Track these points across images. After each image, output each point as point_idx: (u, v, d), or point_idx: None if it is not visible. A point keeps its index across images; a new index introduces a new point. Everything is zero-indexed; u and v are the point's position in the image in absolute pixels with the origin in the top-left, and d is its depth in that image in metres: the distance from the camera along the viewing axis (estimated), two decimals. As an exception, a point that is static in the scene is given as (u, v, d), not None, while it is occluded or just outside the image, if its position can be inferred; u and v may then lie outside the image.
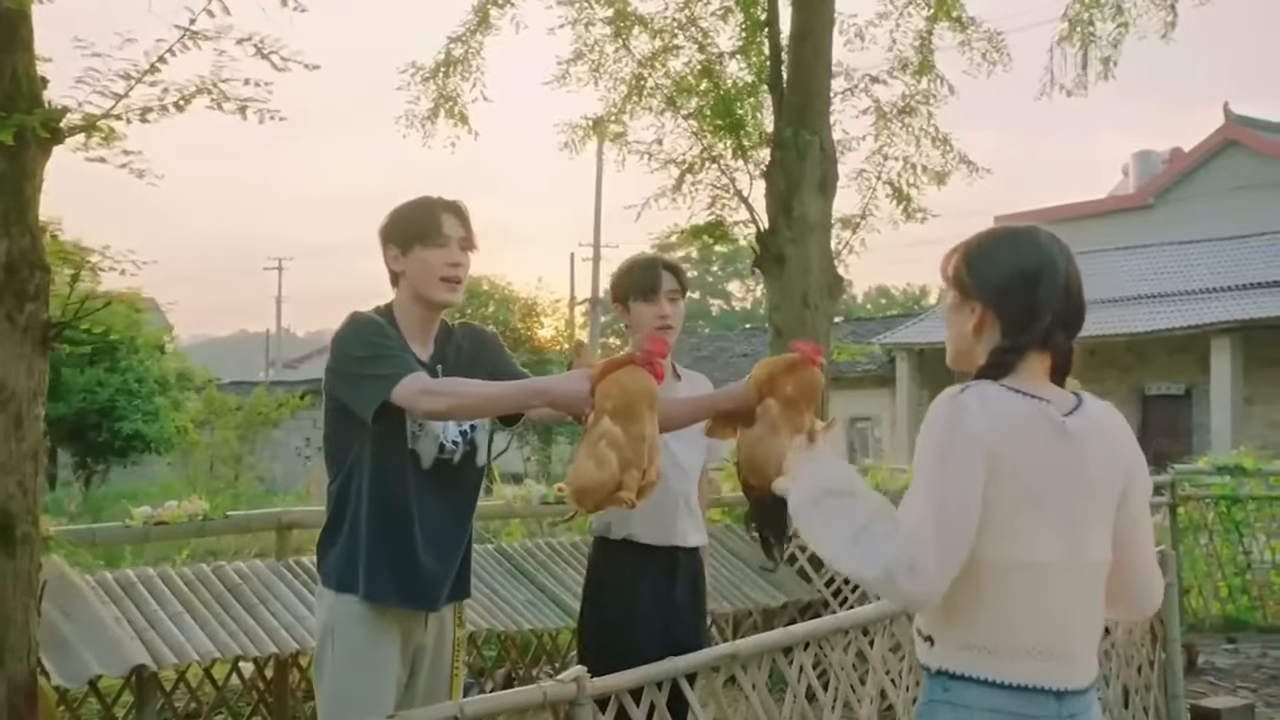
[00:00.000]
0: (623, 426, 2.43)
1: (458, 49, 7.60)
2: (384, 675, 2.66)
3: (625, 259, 3.44)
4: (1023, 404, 1.93)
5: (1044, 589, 1.93)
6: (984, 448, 1.86)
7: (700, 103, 7.17)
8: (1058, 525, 1.92)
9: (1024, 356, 1.97)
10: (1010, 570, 1.91)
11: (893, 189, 7.49)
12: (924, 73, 7.91)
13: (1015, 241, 2.04)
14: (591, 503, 2.47)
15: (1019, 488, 1.88)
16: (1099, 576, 2.00)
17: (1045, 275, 1.97)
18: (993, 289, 2.00)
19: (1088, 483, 1.94)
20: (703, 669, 3.18)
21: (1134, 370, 21.59)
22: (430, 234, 2.73)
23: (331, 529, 2.70)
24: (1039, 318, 1.96)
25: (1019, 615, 1.93)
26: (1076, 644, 1.97)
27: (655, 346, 2.49)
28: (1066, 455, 1.92)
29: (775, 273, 6.57)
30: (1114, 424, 2.03)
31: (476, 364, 2.82)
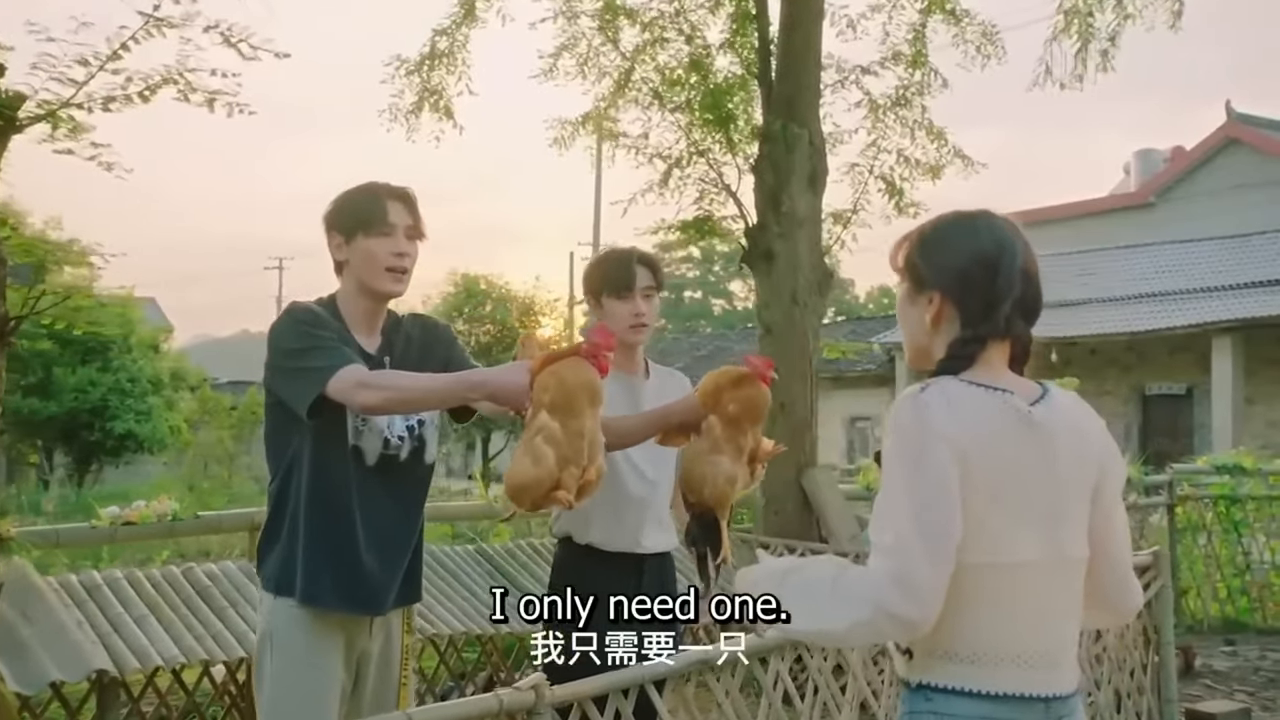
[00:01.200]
0: (561, 422, 2.32)
1: (442, 42, 7.47)
2: (326, 682, 2.54)
3: (599, 252, 3.31)
4: (987, 398, 1.82)
5: (1023, 591, 1.82)
6: (953, 447, 1.75)
7: (688, 96, 7.04)
8: (1033, 523, 1.82)
9: (985, 347, 1.86)
10: (986, 573, 1.80)
11: (885, 183, 7.36)
12: (918, 66, 7.78)
13: (971, 226, 1.93)
14: (528, 501, 2.36)
15: (990, 486, 1.78)
16: (1078, 574, 1.89)
17: (1004, 260, 1.87)
18: (950, 276, 1.89)
19: (1060, 475, 1.84)
20: (672, 676, 3.06)
21: (1135, 369, 21.45)
22: (375, 222, 2.61)
23: (271, 530, 2.59)
24: (999, 305, 1.86)
25: (1000, 620, 1.82)
26: (1060, 647, 1.87)
27: (602, 339, 2.37)
28: (1036, 448, 1.82)
29: (764, 269, 6.44)
30: (1082, 414, 1.93)
31: (427, 356, 2.70)
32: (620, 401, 3.16)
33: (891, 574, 1.73)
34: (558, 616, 3.18)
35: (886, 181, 7.36)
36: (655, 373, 3.32)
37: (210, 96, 4.43)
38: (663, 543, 3.24)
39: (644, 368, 3.29)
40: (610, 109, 7.54)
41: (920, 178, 7.46)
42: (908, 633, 1.78)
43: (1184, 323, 19.54)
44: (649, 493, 3.15)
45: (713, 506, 2.82)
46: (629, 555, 3.15)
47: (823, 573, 1.86)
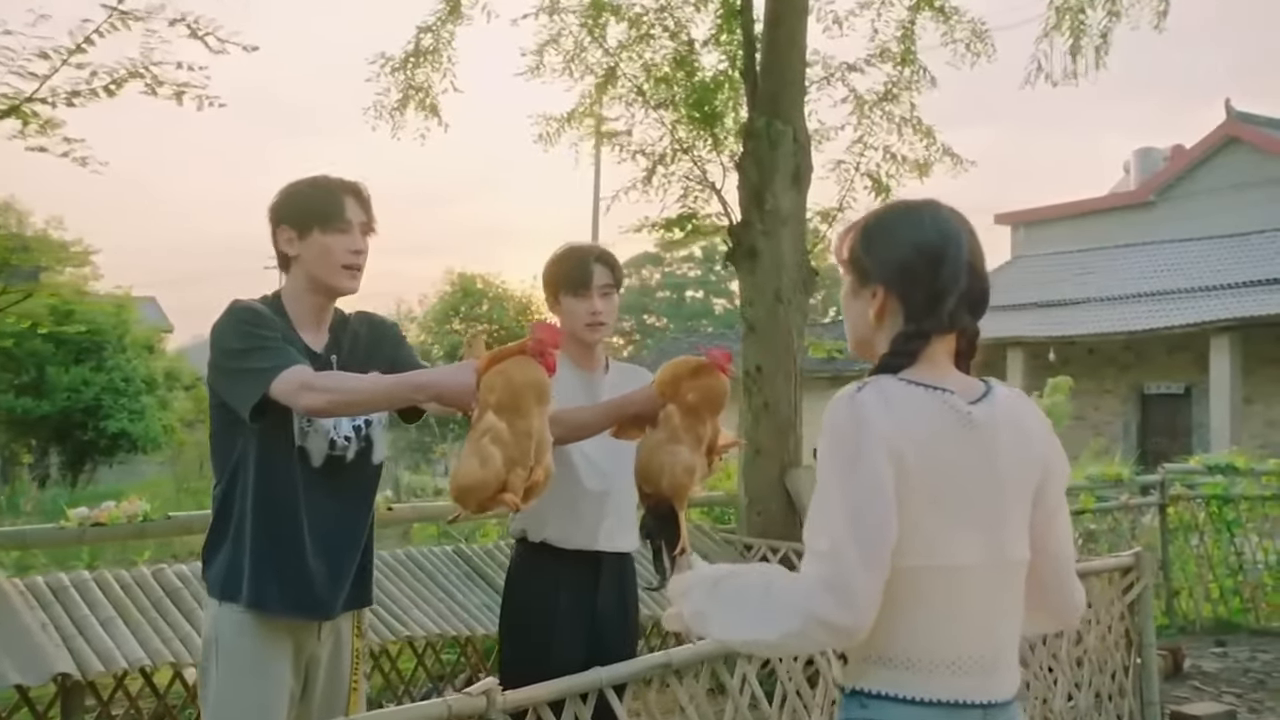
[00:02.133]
0: (508, 421, 2.27)
1: (427, 39, 7.41)
2: (273, 688, 2.49)
3: (557, 248, 3.24)
4: (926, 397, 1.77)
5: (962, 595, 1.77)
6: (889, 448, 1.70)
7: (672, 93, 6.98)
8: (972, 525, 1.76)
9: (929, 342, 1.81)
10: (923, 576, 1.75)
11: (872, 180, 7.30)
12: (907, 63, 7.73)
13: (915, 217, 1.86)
14: (475, 503, 2.31)
15: (928, 488, 1.73)
16: (1019, 578, 1.84)
17: (949, 252, 1.81)
18: (893, 269, 1.83)
19: (1000, 476, 1.78)
20: (633, 680, 3.00)
21: (1133, 369, 21.39)
22: (333, 218, 2.56)
23: (215, 534, 2.53)
24: (944, 299, 1.80)
25: (936, 624, 1.76)
26: (999, 653, 1.81)
27: (547, 335, 2.32)
28: (976, 449, 1.77)
29: (747, 266, 6.38)
30: (1025, 411, 1.87)
31: (374, 355, 2.65)
32: (578, 399, 3.10)
33: (825, 580, 1.67)
34: (514, 618, 3.17)
35: (873, 179, 7.30)
36: (616, 370, 3.27)
37: (179, 89, 4.39)
38: (622, 543, 3.19)
39: (604, 364, 3.23)
40: (596, 106, 7.49)
41: (907, 175, 7.40)
42: (841, 640, 1.73)
43: (1183, 322, 19.48)
44: (606, 488, 3.09)
45: (670, 497, 2.76)
46: (586, 553, 3.09)
47: (755, 580, 1.80)
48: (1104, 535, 8.23)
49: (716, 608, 1.83)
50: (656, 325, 50.01)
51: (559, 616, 3.06)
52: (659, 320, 50.64)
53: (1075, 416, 19.19)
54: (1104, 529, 8.29)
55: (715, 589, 1.85)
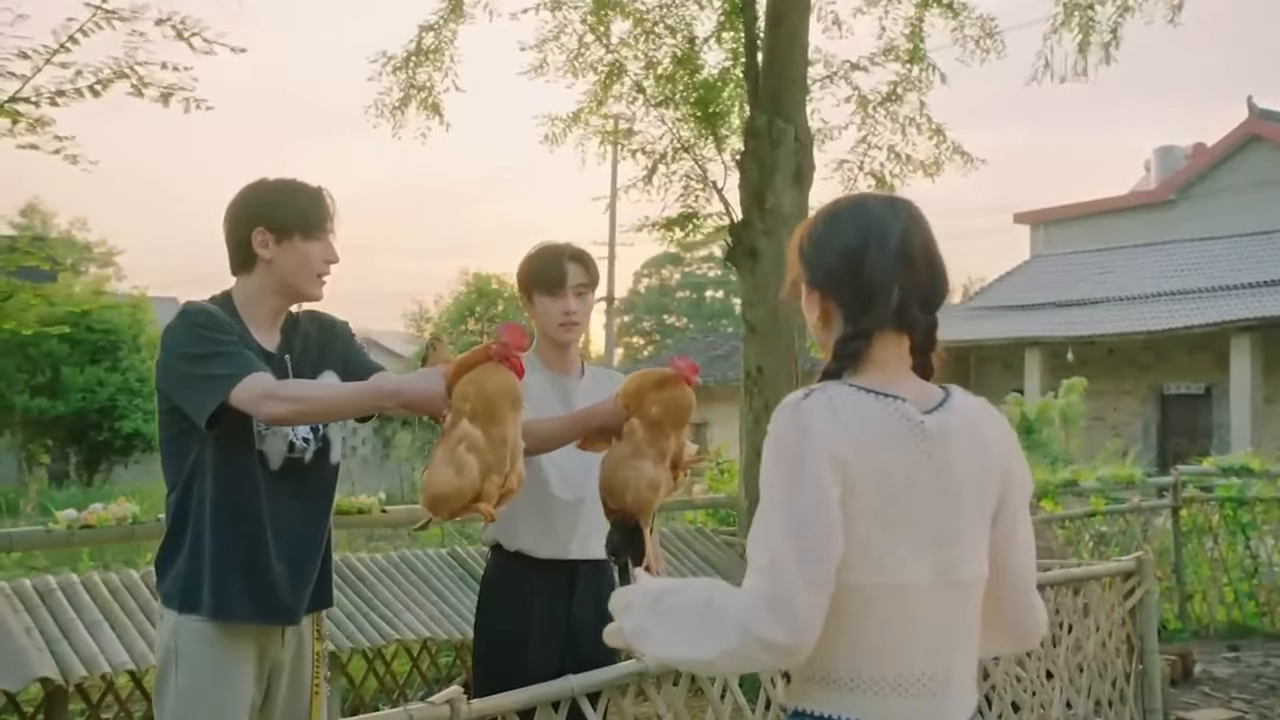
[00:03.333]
0: (483, 429, 2.26)
1: (429, 38, 7.37)
2: (235, 698, 2.44)
3: (532, 246, 3.18)
4: (875, 405, 1.69)
5: (910, 613, 1.68)
6: (834, 460, 1.62)
7: (674, 90, 6.92)
8: (921, 540, 1.68)
9: (872, 341, 1.73)
10: (869, 593, 1.66)
11: (876, 180, 7.22)
12: (915, 60, 7.64)
13: (835, 218, 1.80)
14: (447, 511, 2.30)
15: (875, 501, 1.65)
16: (973, 597, 1.75)
17: (870, 248, 1.73)
18: (821, 273, 1.78)
19: (954, 490, 1.70)
20: (608, 688, 2.95)
21: (1152, 369, 21.20)
22: (315, 226, 2.53)
23: (171, 544, 2.48)
24: (875, 295, 1.72)
25: (883, 644, 1.68)
26: (952, 674, 1.72)
27: (511, 338, 2.28)
28: (927, 460, 1.68)
29: (748, 267, 6.31)
30: (985, 421, 1.77)
31: (326, 354, 2.61)
32: (552, 401, 3.05)
33: (765, 597, 1.59)
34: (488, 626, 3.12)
35: (877, 178, 7.21)
36: (590, 373, 3.21)
37: (166, 91, 4.35)
38: (598, 550, 3.12)
39: (579, 367, 3.17)
40: (600, 104, 7.42)
41: (912, 174, 7.31)
42: (783, 659, 1.65)
43: (1203, 321, 19.30)
44: (579, 495, 3.03)
45: (635, 513, 2.70)
46: (560, 562, 3.04)
47: (697, 596, 1.72)
48: (1115, 538, 8.12)
49: (656, 624, 1.75)
50: (676, 325, 49.94)
51: (533, 624, 3.01)
52: (679, 320, 50.57)
53: (1094, 417, 19.04)
54: (1115, 531, 8.19)
55: (656, 604, 1.77)
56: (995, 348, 22.16)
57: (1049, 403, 14.30)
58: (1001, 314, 23.25)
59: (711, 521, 7.43)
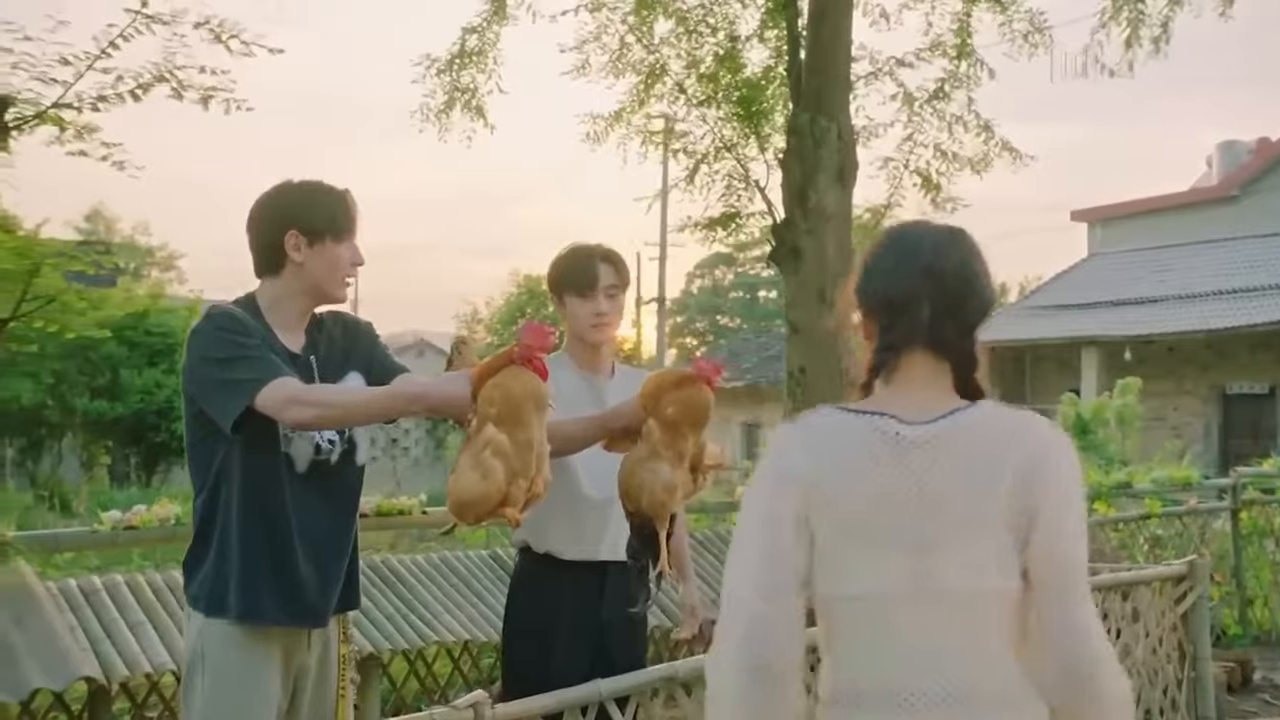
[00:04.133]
0: (509, 433, 2.25)
1: (472, 40, 7.38)
2: (262, 702, 2.44)
3: (564, 247, 3.17)
4: (852, 423, 1.74)
5: (887, 624, 1.69)
6: (799, 483, 1.71)
7: (715, 89, 6.88)
8: (894, 549, 1.69)
9: (899, 355, 1.76)
10: (843, 605, 1.71)
11: (922, 177, 7.13)
12: (963, 56, 7.53)
13: (880, 241, 1.90)
14: (473, 516, 2.29)
15: (841, 515, 1.70)
16: (972, 609, 1.69)
17: (900, 264, 1.79)
18: (861, 292, 1.86)
19: (936, 497, 1.68)
20: (637, 692, 2.92)
21: (1213, 368, 20.77)
22: (345, 229, 2.54)
23: (198, 547, 2.48)
24: (898, 310, 1.76)
25: (861, 655, 1.70)
26: (960, 688, 1.67)
27: (534, 340, 2.26)
28: (904, 470, 1.70)
29: (790, 266, 6.26)
30: (1006, 432, 1.73)
31: (351, 356, 2.61)
32: (584, 401, 3.03)
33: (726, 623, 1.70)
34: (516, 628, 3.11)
35: (923, 176, 7.12)
36: (621, 373, 3.19)
37: (205, 94, 4.39)
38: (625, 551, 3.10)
39: (610, 367, 3.15)
40: (641, 104, 7.40)
41: (959, 172, 7.21)
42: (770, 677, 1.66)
43: (1266, 320, 18.88)
44: (609, 495, 3.00)
45: (651, 516, 2.67)
46: (590, 564, 3.01)
47: None
48: (1171, 541, 7.95)
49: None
50: (729, 326, 49.80)
51: (562, 627, 2.99)
52: (731, 321, 50.43)
53: (1154, 417, 18.69)
54: (1171, 535, 8.01)
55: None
56: (1051, 347, 21.84)
57: (1104, 403, 14.04)
58: (1058, 313, 22.92)
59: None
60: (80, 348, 16.19)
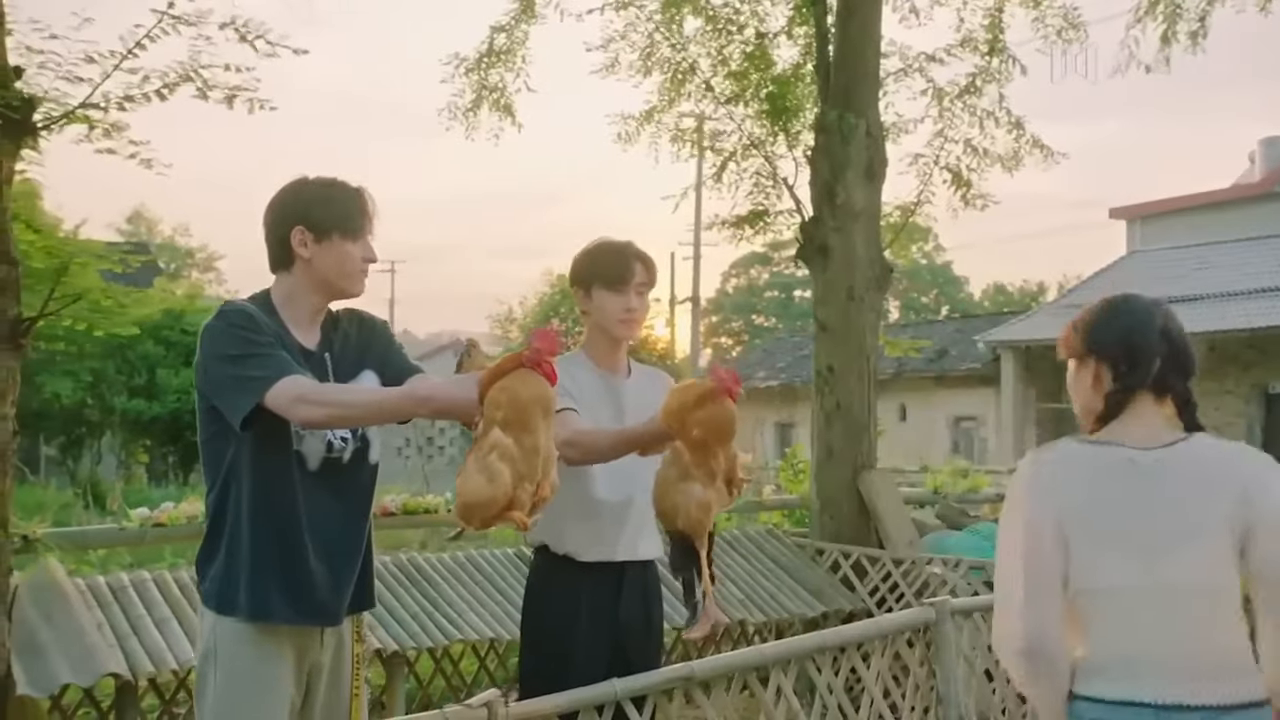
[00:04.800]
0: (515, 437, 2.23)
1: (500, 39, 7.39)
2: (274, 699, 2.43)
3: (592, 241, 3.14)
4: (1094, 451, 2.21)
5: (1124, 610, 2.14)
6: (1057, 505, 2.17)
7: (745, 88, 6.84)
8: (1130, 550, 2.14)
9: (1134, 396, 2.22)
10: (1088, 598, 2.16)
11: (952, 174, 7.05)
12: (994, 52, 7.45)
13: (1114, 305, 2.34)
14: (479, 520, 2.26)
15: (1088, 526, 2.15)
16: (1201, 600, 2.13)
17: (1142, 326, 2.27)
18: (1100, 344, 2.29)
19: (1164, 510, 2.14)
20: (652, 692, 2.90)
21: (1256, 367, 20.44)
22: (356, 227, 2.53)
23: (209, 544, 2.48)
24: (1142, 361, 2.22)
25: (1105, 635, 2.15)
26: (1190, 659, 2.11)
27: (544, 344, 2.24)
28: (1137, 488, 2.16)
29: (819, 264, 6.22)
30: (1219, 457, 2.20)
31: (366, 354, 2.59)
32: (601, 400, 3.02)
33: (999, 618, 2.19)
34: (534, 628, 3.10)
35: (953, 173, 7.05)
36: (638, 372, 3.17)
37: (230, 93, 4.40)
38: (645, 550, 3.08)
39: (627, 366, 3.13)
40: (671, 103, 7.37)
41: (989, 168, 7.13)
42: (1032, 661, 2.13)
43: (1309, 317, 18.56)
44: (627, 496, 2.99)
45: (689, 535, 2.66)
46: (608, 564, 3.00)
47: None
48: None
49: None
50: (764, 325, 49.64)
51: (580, 626, 2.97)
52: (766, 320, 50.26)
53: (1194, 417, 18.41)
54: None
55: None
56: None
57: (1142, 402, 13.85)
58: (1096, 311, 22.65)
59: (787, 523, 7.34)
60: (118, 347, 16.36)
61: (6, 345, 3.91)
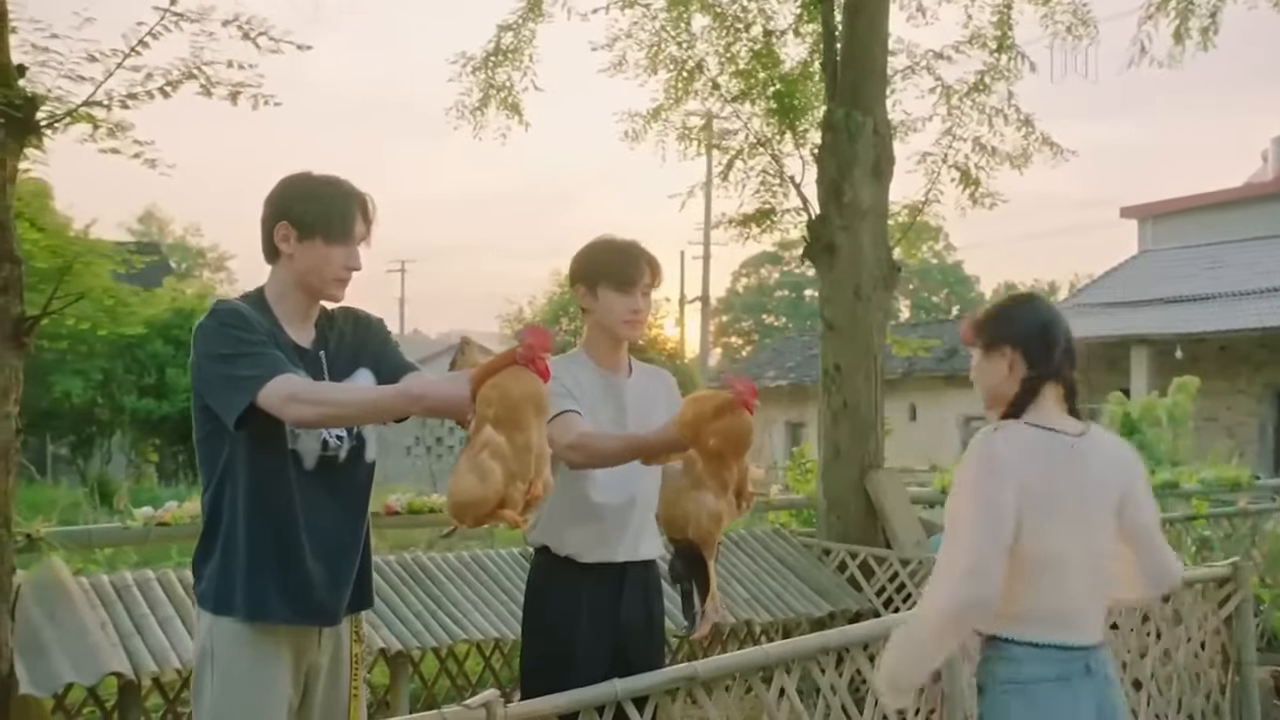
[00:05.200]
0: (507, 435, 2.22)
1: (508, 38, 7.37)
2: (272, 700, 2.42)
3: (597, 238, 3.10)
4: (1041, 435, 2.49)
5: (1063, 571, 2.48)
6: (1015, 477, 2.42)
7: (750, 85, 6.81)
8: (1071, 524, 2.48)
9: (1045, 384, 2.53)
10: (1038, 560, 2.46)
11: (960, 172, 7.01)
12: (1003, 49, 7.40)
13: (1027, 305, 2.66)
14: (471, 518, 2.26)
15: (1041, 501, 2.44)
16: (1105, 563, 2.55)
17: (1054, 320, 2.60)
18: (1019, 335, 2.58)
19: (1091, 491, 2.51)
20: (654, 693, 2.88)
21: (1267, 366, 20.34)
22: (339, 230, 2.48)
23: (206, 544, 2.46)
24: (1052, 350, 2.55)
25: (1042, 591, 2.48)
26: (1086, 611, 2.54)
27: (536, 340, 2.23)
28: (1076, 471, 2.49)
29: (826, 262, 6.19)
30: (1115, 444, 2.65)
31: (361, 351, 2.57)
32: (603, 401, 3.00)
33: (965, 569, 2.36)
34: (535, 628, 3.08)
35: (961, 171, 7.00)
36: (639, 371, 3.14)
37: (234, 90, 4.38)
38: (646, 550, 3.06)
39: (627, 365, 3.10)
40: (678, 101, 7.34)
41: (998, 167, 7.09)
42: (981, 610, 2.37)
43: (1321, 317, 18.46)
44: (628, 498, 2.96)
45: (698, 545, 2.65)
46: (609, 565, 2.97)
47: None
48: (1220, 543, 7.77)
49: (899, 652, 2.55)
50: (775, 325, 49.55)
51: (581, 626, 2.95)
52: (777, 320, 50.17)
53: (1205, 417, 18.37)
54: (1220, 536, 7.84)
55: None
56: (1100, 346, 21.46)
57: (1153, 402, 13.75)
58: (1107, 311, 22.55)
59: (794, 522, 7.30)
60: (128, 346, 16.37)
61: (10, 344, 3.90)
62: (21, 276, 3.97)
